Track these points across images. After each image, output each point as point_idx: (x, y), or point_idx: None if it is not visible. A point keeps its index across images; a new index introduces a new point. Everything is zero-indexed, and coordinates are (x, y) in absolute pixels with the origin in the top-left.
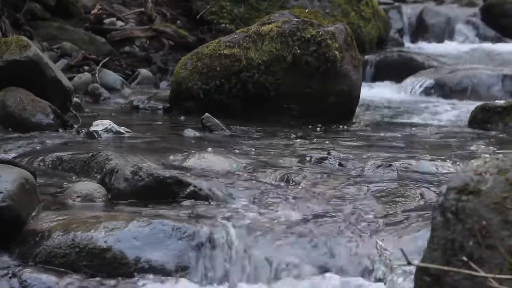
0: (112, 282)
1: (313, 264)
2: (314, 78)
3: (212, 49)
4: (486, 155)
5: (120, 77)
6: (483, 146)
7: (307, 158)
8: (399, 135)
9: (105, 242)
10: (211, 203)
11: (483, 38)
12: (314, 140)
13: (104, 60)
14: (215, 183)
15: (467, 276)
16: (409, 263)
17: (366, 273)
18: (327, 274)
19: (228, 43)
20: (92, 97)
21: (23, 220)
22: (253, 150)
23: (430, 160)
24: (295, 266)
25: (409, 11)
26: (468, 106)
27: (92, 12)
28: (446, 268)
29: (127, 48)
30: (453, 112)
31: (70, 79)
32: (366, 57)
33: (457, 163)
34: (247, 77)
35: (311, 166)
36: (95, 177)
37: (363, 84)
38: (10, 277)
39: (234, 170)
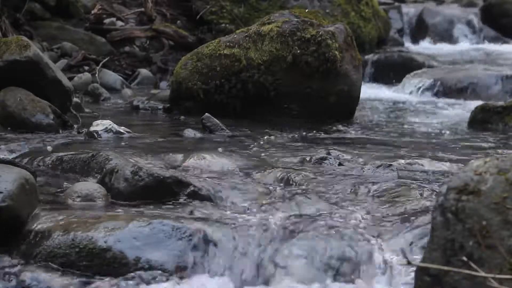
0: (112, 282)
1: (311, 265)
2: (314, 78)
3: (212, 49)
4: (486, 155)
5: (120, 77)
6: (483, 146)
7: (307, 158)
8: (399, 135)
9: (105, 242)
10: (211, 203)
11: (483, 38)
12: (314, 140)
13: (104, 60)
14: (215, 183)
15: (467, 276)
16: (409, 263)
17: (365, 274)
18: (324, 277)
19: (228, 43)
20: (92, 97)
21: (23, 220)
22: (253, 150)
23: (430, 160)
24: (293, 267)
25: (409, 11)
26: (468, 106)
27: (92, 12)
28: (446, 268)
29: (127, 48)
30: (453, 112)
31: (70, 79)
32: (366, 57)
33: (457, 163)
34: (247, 77)
35: (311, 166)
36: (95, 177)
37: (363, 84)
38: (10, 277)
39: (234, 170)
